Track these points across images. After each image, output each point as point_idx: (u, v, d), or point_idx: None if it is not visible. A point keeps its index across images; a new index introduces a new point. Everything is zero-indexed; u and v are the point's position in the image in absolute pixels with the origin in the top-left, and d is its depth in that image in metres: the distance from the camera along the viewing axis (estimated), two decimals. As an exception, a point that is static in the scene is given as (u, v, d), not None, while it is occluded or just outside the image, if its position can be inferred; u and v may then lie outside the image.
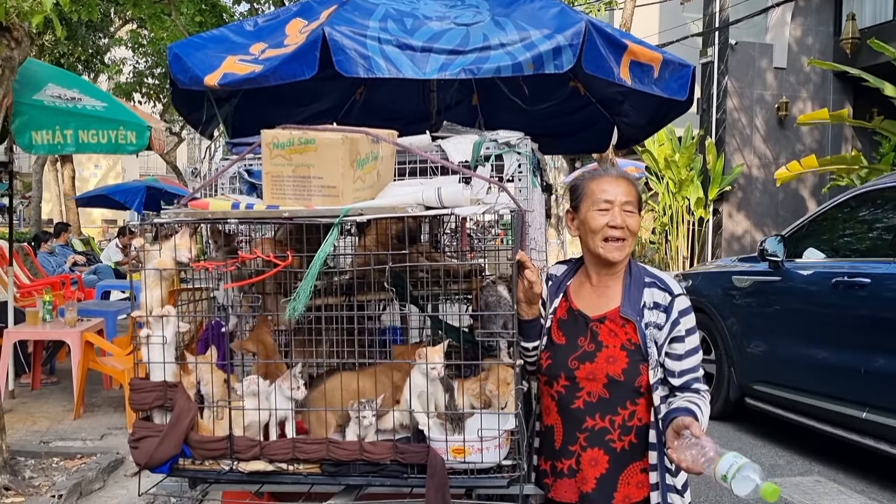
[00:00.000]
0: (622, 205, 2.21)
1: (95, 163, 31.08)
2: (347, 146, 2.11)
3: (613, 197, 2.21)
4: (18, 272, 9.10)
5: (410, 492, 2.11)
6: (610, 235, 2.21)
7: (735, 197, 15.82)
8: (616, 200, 2.21)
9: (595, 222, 2.22)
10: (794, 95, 15.85)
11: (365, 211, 2.08)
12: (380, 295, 2.55)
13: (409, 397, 2.17)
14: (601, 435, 2.19)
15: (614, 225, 2.20)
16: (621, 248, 2.22)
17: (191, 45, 3.10)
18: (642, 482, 2.19)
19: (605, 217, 2.21)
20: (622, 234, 2.21)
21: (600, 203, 2.22)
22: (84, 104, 6.29)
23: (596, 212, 2.23)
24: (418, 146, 2.53)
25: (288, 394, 2.19)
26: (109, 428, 6.07)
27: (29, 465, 5.12)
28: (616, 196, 2.21)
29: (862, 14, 14.89)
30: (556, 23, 2.80)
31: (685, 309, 2.21)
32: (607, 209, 2.21)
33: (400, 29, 2.77)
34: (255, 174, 2.76)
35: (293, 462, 2.13)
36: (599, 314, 2.24)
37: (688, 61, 3.25)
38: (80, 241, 16.89)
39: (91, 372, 6.61)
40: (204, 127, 3.50)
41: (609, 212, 2.21)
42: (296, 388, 2.18)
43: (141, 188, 13.12)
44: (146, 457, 2.14)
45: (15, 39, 4.66)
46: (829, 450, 5.97)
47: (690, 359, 2.19)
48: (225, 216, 2.21)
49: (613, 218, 2.20)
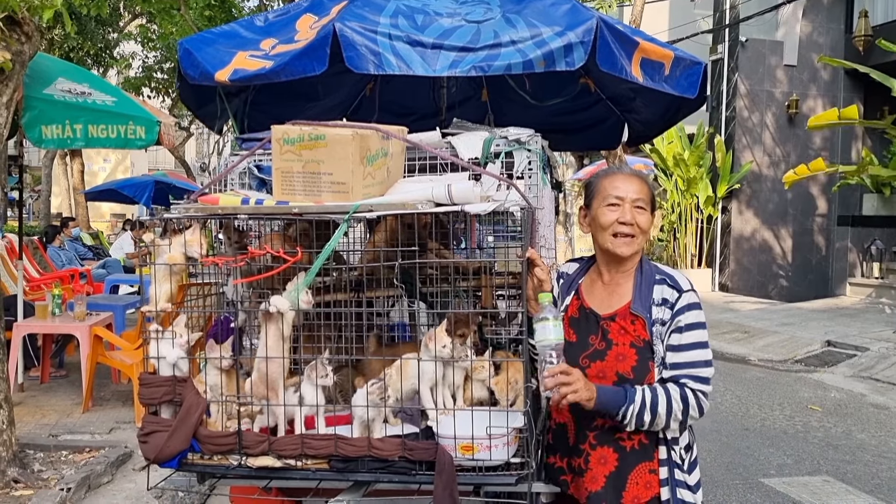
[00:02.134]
0: (633, 202, 2.21)
1: (105, 157, 31.19)
2: (358, 142, 2.11)
3: (624, 194, 2.22)
4: (28, 266, 9.14)
5: (418, 489, 2.11)
6: (619, 231, 2.21)
7: (744, 195, 15.76)
8: (627, 197, 2.21)
9: (605, 218, 2.23)
10: (805, 93, 15.77)
11: (375, 207, 2.08)
12: (389, 291, 2.55)
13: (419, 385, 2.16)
14: (611, 433, 2.18)
15: (623, 221, 2.20)
16: (630, 244, 2.21)
17: (201, 40, 3.10)
18: (650, 482, 2.18)
19: (614, 213, 2.21)
20: (631, 231, 2.21)
21: (611, 199, 2.23)
22: (94, 99, 6.30)
23: (606, 207, 2.23)
24: (428, 143, 2.52)
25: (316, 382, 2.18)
26: (118, 422, 6.09)
27: (38, 458, 5.14)
28: (627, 193, 2.22)
29: (874, 11, 14.79)
30: (567, 20, 2.79)
31: (690, 304, 2.19)
32: (618, 205, 2.21)
33: (410, 25, 2.76)
34: (265, 170, 2.76)
35: (301, 458, 2.13)
36: (610, 312, 2.24)
37: (699, 58, 3.23)
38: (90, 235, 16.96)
39: (100, 366, 6.64)
40: (213, 122, 3.50)
41: (619, 208, 2.21)
42: (323, 376, 2.18)
43: (150, 183, 13.15)
44: (155, 451, 2.14)
45: (25, 34, 4.68)
46: (837, 449, 5.95)
47: (686, 353, 2.16)
48: (235, 212, 2.21)
49: (623, 214, 2.20)
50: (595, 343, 2.22)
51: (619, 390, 2.12)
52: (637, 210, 2.21)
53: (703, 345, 2.19)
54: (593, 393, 2.06)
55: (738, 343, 10.49)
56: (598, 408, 2.09)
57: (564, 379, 2.01)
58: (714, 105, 15.92)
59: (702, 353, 2.18)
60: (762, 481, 5.29)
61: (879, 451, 6.01)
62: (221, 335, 2.38)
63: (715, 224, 16.07)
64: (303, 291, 2.10)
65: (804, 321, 11.80)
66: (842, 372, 8.93)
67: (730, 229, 15.79)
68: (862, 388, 8.22)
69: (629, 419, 2.11)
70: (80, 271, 10.47)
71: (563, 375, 2.01)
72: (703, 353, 2.18)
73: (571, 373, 2.03)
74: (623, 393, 2.11)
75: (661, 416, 2.11)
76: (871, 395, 7.93)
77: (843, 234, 16.04)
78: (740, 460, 5.75)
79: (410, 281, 2.46)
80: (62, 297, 6.87)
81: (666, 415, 2.11)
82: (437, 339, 2.15)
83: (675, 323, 2.17)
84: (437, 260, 2.48)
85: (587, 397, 2.05)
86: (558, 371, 2.01)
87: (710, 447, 5.95)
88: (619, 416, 2.11)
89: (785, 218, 16.00)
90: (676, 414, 2.12)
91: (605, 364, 2.19)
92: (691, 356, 2.17)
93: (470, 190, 2.11)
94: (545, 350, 2.03)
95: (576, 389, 2.02)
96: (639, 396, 2.10)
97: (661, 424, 2.14)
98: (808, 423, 6.84)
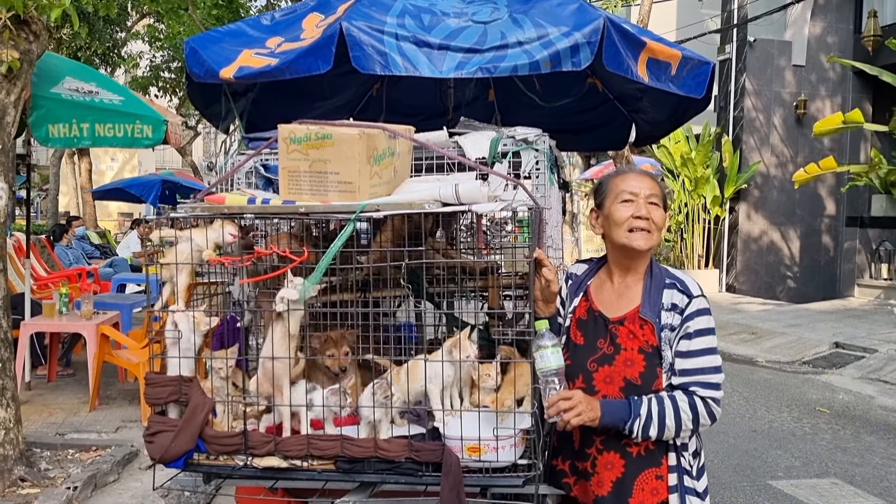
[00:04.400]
0: (647, 197, 2.20)
1: (112, 156, 31.29)
2: (364, 142, 2.10)
3: (638, 190, 2.21)
4: (35, 264, 9.17)
5: (425, 490, 2.11)
6: (635, 226, 2.19)
7: (752, 195, 15.70)
8: (640, 193, 2.20)
9: (619, 214, 2.21)
10: (813, 93, 15.70)
11: (381, 207, 2.07)
12: (395, 291, 2.54)
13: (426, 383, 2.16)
14: (618, 438, 2.15)
15: (639, 215, 2.18)
16: (646, 238, 2.19)
17: (207, 39, 3.09)
18: (657, 489, 2.15)
19: (629, 209, 2.20)
20: (647, 225, 2.19)
21: (625, 195, 2.21)
22: (101, 98, 6.32)
23: (620, 204, 2.22)
24: (435, 142, 2.51)
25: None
26: (124, 420, 6.10)
27: (45, 456, 5.15)
28: (640, 189, 2.21)
29: (883, 11, 14.71)
30: (574, 20, 2.77)
31: (700, 310, 2.17)
32: (632, 200, 2.20)
33: (417, 25, 2.74)
34: (272, 169, 2.76)
35: (307, 458, 2.13)
36: (619, 315, 2.22)
37: (707, 58, 3.20)
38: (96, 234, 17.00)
39: (106, 364, 6.65)
40: (220, 121, 3.50)
41: (634, 203, 2.20)
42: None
43: (157, 182, 13.16)
44: (161, 451, 2.14)
45: (33, 33, 4.69)
46: (846, 451, 5.92)
47: (695, 359, 2.14)
48: (241, 211, 2.20)
49: (638, 209, 2.19)
50: (603, 347, 2.20)
51: (625, 405, 2.10)
52: (651, 206, 2.20)
53: (712, 350, 2.16)
54: (597, 412, 2.06)
55: (745, 344, 10.45)
56: (604, 425, 2.08)
57: (565, 405, 2.01)
58: (722, 105, 15.86)
59: (711, 360, 2.15)
60: (770, 483, 5.27)
61: (888, 454, 5.97)
62: (227, 335, 2.38)
63: (722, 224, 16.02)
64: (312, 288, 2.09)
65: (812, 322, 11.74)
66: (850, 374, 8.88)
67: (737, 230, 15.73)
68: (870, 390, 8.18)
69: (636, 433, 2.09)
70: (88, 270, 10.50)
71: (563, 402, 2.01)
72: (713, 360, 2.16)
73: (572, 396, 2.03)
74: (628, 407, 2.09)
75: (669, 428, 2.09)
76: (879, 397, 7.89)
77: (852, 235, 15.96)
78: (748, 462, 5.72)
79: (417, 281, 2.45)
80: (69, 295, 6.88)
81: (675, 426, 2.09)
82: (462, 348, 2.14)
83: (685, 329, 2.15)
84: (443, 260, 2.48)
85: (591, 418, 2.05)
86: (557, 399, 2.01)
87: (717, 449, 5.93)
88: (626, 431, 2.10)
89: (793, 219, 15.94)
90: (686, 424, 2.10)
91: (613, 369, 2.16)
92: (700, 362, 2.14)
93: (477, 190, 2.10)
94: (547, 377, 2.03)
95: (579, 413, 2.02)
96: (644, 409, 2.08)
97: (671, 435, 2.12)
98: (817, 425, 6.80)
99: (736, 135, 15.64)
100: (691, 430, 2.13)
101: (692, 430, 2.14)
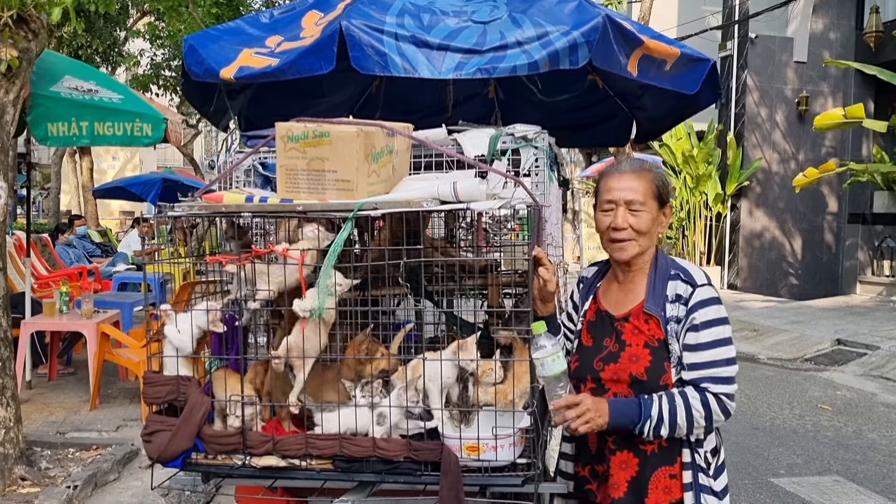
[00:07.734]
0: (627, 203, 2.15)
1: (113, 155, 31.31)
2: (362, 139, 2.09)
3: (616, 196, 2.16)
4: (36, 263, 9.17)
5: (424, 489, 2.10)
6: (613, 237, 2.17)
7: (753, 192, 15.67)
8: (619, 199, 2.16)
9: (600, 223, 2.21)
10: (815, 90, 15.66)
11: (380, 205, 2.06)
12: (394, 290, 2.53)
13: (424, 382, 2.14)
14: (630, 436, 2.10)
15: (616, 226, 2.15)
16: (625, 248, 2.16)
17: (206, 37, 3.08)
18: (670, 487, 2.11)
19: (608, 218, 2.18)
20: (625, 235, 2.15)
21: (603, 204, 2.20)
22: (101, 96, 6.31)
23: (601, 213, 2.21)
24: (434, 140, 2.50)
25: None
26: (125, 419, 6.10)
27: (45, 455, 5.15)
28: (620, 195, 2.16)
29: (885, 7, 14.67)
30: (573, 18, 2.75)
31: (705, 300, 2.11)
32: (611, 210, 2.17)
33: (417, 25, 2.73)
34: (270, 167, 2.75)
35: (306, 458, 2.12)
36: (624, 312, 2.19)
37: (707, 55, 3.18)
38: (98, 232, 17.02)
39: (107, 363, 6.65)
40: (217, 119, 3.49)
41: (612, 212, 2.17)
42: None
43: (157, 180, 13.16)
44: (159, 450, 2.13)
45: (32, 31, 4.68)
46: (848, 449, 5.91)
47: (703, 353, 2.08)
48: (238, 209, 2.19)
49: (615, 219, 2.16)
50: (609, 345, 2.18)
51: (634, 406, 2.05)
52: (631, 212, 2.15)
53: (723, 342, 2.09)
54: (605, 417, 2.02)
55: (747, 341, 10.43)
56: (614, 427, 2.05)
57: (571, 414, 1.98)
58: (723, 102, 15.82)
59: (721, 352, 2.09)
60: (772, 481, 5.26)
61: (890, 451, 5.96)
62: (226, 334, 2.37)
63: (724, 221, 15.99)
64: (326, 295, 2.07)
65: (814, 319, 11.73)
66: (852, 371, 8.87)
67: (739, 227, 15.70)
68: (872, 387, 8.16)
69: (647, 434, 2.05)
70: (88, 269, 10.50)
71: (570, 411, 1.98)
72: (724, 352, 2.09)
73: (579, 402, 1.99)
74: (638, 408, 2.04)
75: (680, 427, 2.04)
76: (881, 394, 7.88)
77: (854, 232, 15.93)
78: (749, 460, 5.71)
79: (416, 279, 2.44)
80: (69, 294, 6.88)
81: (686, 425, 2.04)
82: (468, 351, 2.13)
83: (690, 320, 2.09)
84: (442, 258, 2.46)
85: (600, 424, 2.01)
86: (563, 406, 1.98)
87: (718, 446, 5.91)
88: (637, 432, 2.06)
89: (794, 215, 15.91)
90: (698, 422, 2.05)
91: (619, 366, 2.13)
92: (709, 356, 2.08)
93: (476, 187, 2.09)
94: (550, 384, 1.99)
95: (587, 420, 1.99)
96: (655, 410, 2.04)
97: (683, 433, 2.07)
98: (818, 422, 6.79)
99: (737, 132, 15.61)
100: (704, 427, 2.08)
101: (705, 428, 2.09)
